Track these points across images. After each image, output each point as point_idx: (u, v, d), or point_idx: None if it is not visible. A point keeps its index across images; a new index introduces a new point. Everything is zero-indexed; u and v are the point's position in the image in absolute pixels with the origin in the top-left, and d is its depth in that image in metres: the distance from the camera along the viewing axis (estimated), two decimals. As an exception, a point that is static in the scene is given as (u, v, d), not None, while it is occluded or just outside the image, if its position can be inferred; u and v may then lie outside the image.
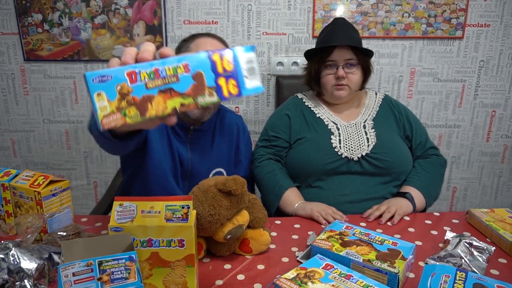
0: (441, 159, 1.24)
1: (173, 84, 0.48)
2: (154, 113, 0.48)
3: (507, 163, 1.92)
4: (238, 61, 0.51)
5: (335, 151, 1.16)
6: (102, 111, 0.46)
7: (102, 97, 0.46)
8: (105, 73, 0.46)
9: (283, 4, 1.69)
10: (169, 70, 0.48)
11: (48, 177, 0.90)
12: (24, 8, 1.67)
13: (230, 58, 0.51)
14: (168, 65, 0.48)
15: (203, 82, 0.50)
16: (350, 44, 1.16)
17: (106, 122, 0.46)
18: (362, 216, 1.06)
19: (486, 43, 1.74)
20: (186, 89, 0.49)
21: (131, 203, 0.69)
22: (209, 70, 0.50)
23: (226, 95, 0.51)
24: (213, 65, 0.50)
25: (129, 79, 0.47)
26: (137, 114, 0.47)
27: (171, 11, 1.69)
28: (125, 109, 0.47)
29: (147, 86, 0.48)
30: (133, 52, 0.50)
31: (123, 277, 0.59)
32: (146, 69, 0.48)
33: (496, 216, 0.98)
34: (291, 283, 0.67)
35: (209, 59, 0.50)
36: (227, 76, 0.51)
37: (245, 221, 0.81)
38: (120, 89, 0.47)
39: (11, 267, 0.69)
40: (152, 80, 0.48)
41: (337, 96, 1.22)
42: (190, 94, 0.49)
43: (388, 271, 0.71)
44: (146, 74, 0.48)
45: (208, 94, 0.50)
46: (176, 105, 0.49)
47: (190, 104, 0.49)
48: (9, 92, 1.81)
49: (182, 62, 0.49)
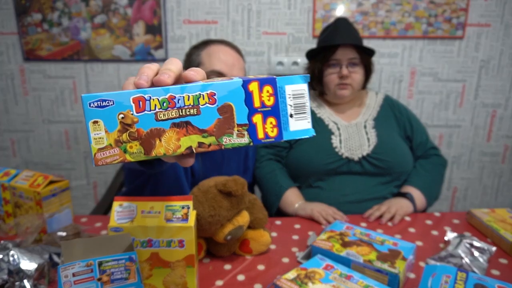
0: (442, 159, 1.24)
1: (192, 117, 0.39)
2: (162, 152, 0.39)
3: (507, 163, 1.92)
4: (283, 93, 0.40)
5: (335, 151, 1.16)
6: (97, 143, 0.38)
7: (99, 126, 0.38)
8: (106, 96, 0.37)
9: (283, 3, 1.68)
10: (188, 99, 0.38)
11: (47, 177, 0.90)
12: (23, 8, 1.67)
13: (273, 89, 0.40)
14: (188, 92, 0.38)
15: (232, 117, 0.40)
16: (354, 43, 1.16)
17: (100, 157, 0.38)
18: (363, 216, 1.06)
19: (487, 43, 1.74)
20: (209, 125, 0.39)
21: (131, 203, 0.69)
22: (242, 102, 0.40)
23: (261, 137, 0.40)
24: (249, 96, 0.40)
25: (135, 106, 0.38)
26: (140, 151, 0.38)
27: (171, 11, 1.69)
28: (126, 143, 0.38)
29: (157, 117, 0.38)
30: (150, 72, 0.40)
31: (123, 278, 0.59)
32: (159, 96, 0.38)
33: (497, 216, 0.98)
34: (291, 283, 0.67)
35: (244, 89, 0.39)
36: (265, 113, 0.40)
37: (245, 221, 0.81)
38: (122, 118, 0.38)
39: (10, 268, 0.69)
40: (165, 110, 0.38)
41: (340, 96, 1.22)
42: (213, 132, 0.39)
43: (389, 272, 0.71)
44: (158, 102, 0.38)
45: (237, 134, 0.40)
46: (192, 144, 0.39)
47: (211, 145, 0.39)
48: (9, 92, 1.80)
49: (207, 90, 0.39)
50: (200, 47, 1.09)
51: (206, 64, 1.05)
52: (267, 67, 1.76)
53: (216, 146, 0.39)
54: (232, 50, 1.07)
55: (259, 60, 1.75)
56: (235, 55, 1.07)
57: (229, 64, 1.02)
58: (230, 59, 1.04)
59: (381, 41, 1.73)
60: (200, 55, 1.07)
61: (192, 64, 1.10)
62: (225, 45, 1.07)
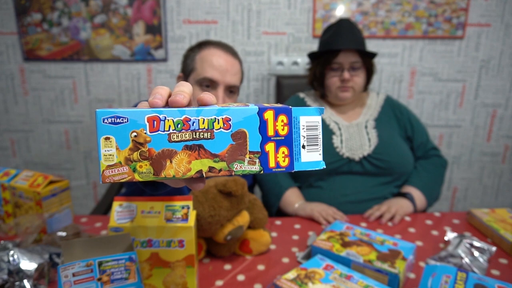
0: (442, 160, 1.24)
1: (205, 141, 0.38)
2: (172, 174, 0.38)
3: (508, 163, 1.92)
4: (298, 124, 0.41)
5: (336, 151, 1.16)
6: (106, 160, 0.37)
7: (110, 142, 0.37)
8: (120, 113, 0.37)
9: (283, 3, 1.68)
10: (203, 123, 0.38)
11: (47, 177, 0.90)
12: (23, 8, 1.67)
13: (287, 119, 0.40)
14: (204, 116, 0.38)
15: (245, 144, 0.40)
16: (356, 48, 1.16)
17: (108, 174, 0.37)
18: (363, 216, 1.06)
19: (487, 43, 1.74)
20: (221, 150, 0.39)
21: (131, 203, 0.69)
22: (256, 130, 0.40)
23: (272, 165, 0.40)
24: (263, 124, 0.40)
25: (149, 125, 0.37)
26: (150, 171, 0.38)
27: (170, 11, 1.69)
28: (136, 162, 0.38)
29: (170, 138, 0.38)
30: (164, 92, 0.40)
31: (123, 278, 0.59)
32: (174, 117, 0.37)
33: (497, 216, 0.98)
34: (292, 283, 0.67)
35: (259, 116, 0.40)
36: (278, 142, 0.40)
37: (245, 222, 0.81)
38: (135, 136, 0.37)
39: (10, 268, 0.69)
40: (179, 131, 0.38)
41: (341, 98, 1.22)
42: (225, 158, 0.39)
43: (389, 272, 0.71)
44: (172, 123, 0.38)
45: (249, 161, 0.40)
46: (203, 168, 0.39)
47: (221, 170, 0.39)
48: (8, 92, 1.80)
49: (223, 114, 0.39)
50: (195, 49, 1.08)
51: (198, 70, 1.04)
52: (267, 67, 1.76)
53: (227, 172, 0.39)
54: (226, 53, 1.04)
55: (259, 60, 1.75)
56: (229, 59, 1.04)
57: (222, 70, 1.00)
58: (223, 64, 1.01)
59: (381, 41, 1.73)
60: (194, 59, 1.06)
61: (187, 69, 1.09)
62: (219, 48, 1.04)
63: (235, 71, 1.05)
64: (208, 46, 1.06)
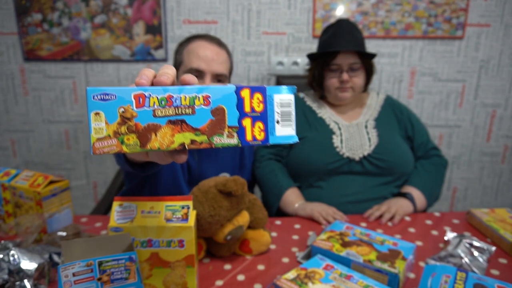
0: (442, 160, 1.24)
1: (187, 116, 0.42)
2: (157, 146, 0.41)
3: (507, 163, 1.92)
4: (272, 101, 0.45)
5: (336, 151, 1.16)
6: (96, 133, 0.40)
7: (100, 117, 0.40)
8: (109, 91, 0.40)
9: (283, 3, 1.68)
10: (185, 100, 0.42)
11: (48, 177, 0.90)
12: (23, 8, 1.67)
13: (263, 97, 0.44)
14: (186, 93, 0.42)
15: (224, 119, 0.43)
16: (355, 49, 1.15)
17: (98, 146, 0.40)
18: (363, 216, 1.06)
19: (487, 43, 1.74)
20: (202, 124, 0.42)
21: (131, 203, 0.69)
22: (234, 107, 0.43)
23: (249, 139, 0.44)
24: (240, 102, 0.43)
25: (135, 102, 0.41)
26: (136, 143, 0.41)
27: (170, 11, 1.69)
28: (123, 135, 0.41)
29: (155, 113, 0.41)
30: (150, 73, 0.44)
31: (123, 278, 0.59)
32: (158, 94, 0.41)
33: (497, 216, 0.98)
34: (291, 283, 0.67)
35: (236, 95, 0.43)
36: (254, 117, 0.44)
37: (245, 221, 0.81)
38: (122, 112, 0.41)
39: (11, 267, 0.69)
40: (163, 107, 0.41)
41: (341, 98, 1.22)
42: (205, 131, 0.42)
43: (389, 272, 0.71)
44: (156, 99, 0.41)
45: (227, 135, 0.43)
46: (185, 141, 0.42)
47: (202, 143, 0.43)
48: (9, 92, 1.80)
49: (203, 92, 0.42)
50: (184, 44, 1.10)
51: (185, 62, 1.07)
52: (267, 67, 1.76)
53: (207, 144, 0.43)
54: (212, 44, 1.06)
55: (259, 60, 1.75)
56: (214, 49, 1.06)
57: (208, 60, 1.03)
58: (208, 54, 1.04)
59: (381, 41, 1.73)
60: (182, 53, 1.08)
61: (176, 63, 1.12)
62: (205, 40, 1.07)
63: (222, 60, 1.06)
64: (195, 39, 1.08)
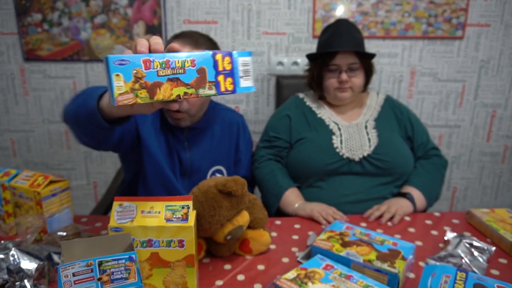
0: (442, 160, 1.24)
1: (180, 75, 0.57)
2: (161, 97, 0.57)
3: (507, 163, 1.92)
4: (236, 62, 0.61)
5: (336, 151, 1.16)
6: (118, 90, 0.54)
7: (119, 77, 0.54)
8: (125, 57, 0.54)
9: (283, 3, 1.68)
10: (178, 63, 0.57)
11: (48, 177, 0.90)
12: (23, 8, 1.67)
13: (230, 59, 0.60)
14: (178, 58, 0.57)
15: (205, 76, 0.59)
16: (353, 49, 1.15)
17: (120, 99, 0.54)
18: (363, 216, 1.06)
19: (487, 43, 1.74)
20: (191, 80, 0.58)
21: (131, 203, 0.69)
22: (212, 67, 0.59)
23: (223, 90, 0.61)
24: (215, 63, 0.60)
25: (144, 65, 0.55)
26: (147, 96, 0.56)
27: (171, 11, 1.69)
28: (137, 90, 0.55)
29: (158, 73, 0.56)
30: (145, 43, 0.59)
31: (123, 277, 0.59)
32: (159, 59, 0.56)
33: (497, 216, 0.98)
34: (291, 283, 0.67)
35: (212, 58, 0.59)
36: (225, 74, 0.61)
37: (245, 221, 0.81)
38: (135, 73, 0.55)
39: (11, 267, 0.69)
40: (163, 69, 0.56)
41: (340, 98, 1.22)
42: (193, 86, 0.59)
43: (389, 271, 0.71)
44: (158, 63, 0.56)
45: (208, 88, 0.60)
46: (180, 93, 0.58)
47: (192, 94, 0.59)
48: (9, 92, 1.81)
49: (190, 57, 0.58)
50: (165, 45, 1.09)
51: None
52: (267, 67, 1.76)
53: (195, 95, 0.59)
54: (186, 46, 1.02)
55: (259, 60, 1.75)
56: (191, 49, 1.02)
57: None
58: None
59: (381, 41, 1.73)
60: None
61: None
62: (181, 40, 1.03)
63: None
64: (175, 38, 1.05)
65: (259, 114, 1.83)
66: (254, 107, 1.82)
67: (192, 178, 1.12)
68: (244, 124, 1.26)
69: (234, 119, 1.22)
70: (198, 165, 1.13)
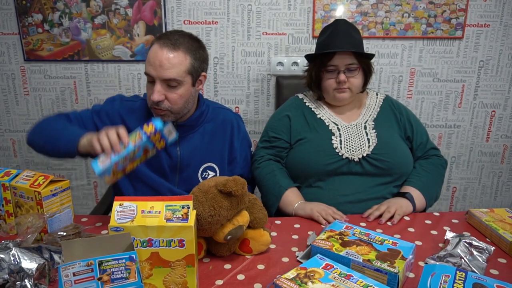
0: (442, 160, 1.24)
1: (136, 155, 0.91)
2: (130, 169, 0.94)
3: (506, 163, 1.92)
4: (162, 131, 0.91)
5: (335, 151, 1.16)
6: (106, 178, 0.89)
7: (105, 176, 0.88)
8: (106, 168, 0.86)
9: (283, 4, 1.69)
10: (132, 153, 0.89)
11: (48, 177, 0.90)
12: (24, 8, 1.67)
13: (160, 134, 0.91)
14: (129, 151, 0.88)
15: (148, 149, 0.93)
16: (351, 49, 1.15)
17: (107, 180, 0.89)
18: (362, 216, 1.06)
19: (486, 43, 1.74)
20: (140, 156, 0.93)
21: (131, 203, 0.69)
22: (149, 143, 0.92)
23: (160, 148, 0.96)
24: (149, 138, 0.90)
25: (115, 166, 0.87)
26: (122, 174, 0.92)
27: (171, 11, 1.69)
28: (116, 175, 0.90)
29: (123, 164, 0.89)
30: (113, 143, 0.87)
31: (123, 277, 0.59)
32: (121, 158, 0.87)
33: (496, 216, 0.98)
34: (291, 283, 0.67)
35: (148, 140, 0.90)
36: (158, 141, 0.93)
37: (245, 221, 0.81)
38: (113, 169, 0.87)
39: (11, 267, 0.69)
40: (125, 160, 0.89)
41: (339, 99, 1.22)
42: (146, 157, 0.95)
43: (388, 271, 0.71)
44: (122, 160, 0.87)
45: (151, 152, 0.95)
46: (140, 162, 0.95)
47: (147, 158, 0.96)
48: (9, 92, 1.81)
49: (136, 147, 0.88)
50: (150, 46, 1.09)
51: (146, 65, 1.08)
52: (267, 67, 1.76)
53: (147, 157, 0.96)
54: (163, 49, 1.01)
55: (259, 61, 1.75)
56: (165, 54, 1.01)
57: (156, 66, 1.02)
58: (157, 60, 1.02)
59: (380, 42, 1.74)
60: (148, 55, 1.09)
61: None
62: (159, 44, 1.03)
63: (171, 64, 1.02)
64: (154, 42, 1.06)
65: (259, 114, 1.84)
66: (254, 107, 1.83)
67: (183, 174, 1.14)
68: (239, 123, 1.26)
69: (228, 118, 1.22)
70: (188, 161, 1.13)
